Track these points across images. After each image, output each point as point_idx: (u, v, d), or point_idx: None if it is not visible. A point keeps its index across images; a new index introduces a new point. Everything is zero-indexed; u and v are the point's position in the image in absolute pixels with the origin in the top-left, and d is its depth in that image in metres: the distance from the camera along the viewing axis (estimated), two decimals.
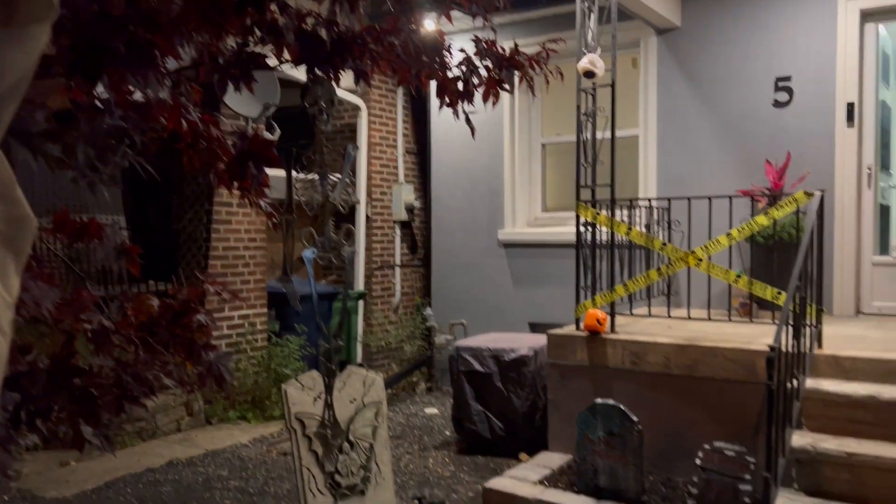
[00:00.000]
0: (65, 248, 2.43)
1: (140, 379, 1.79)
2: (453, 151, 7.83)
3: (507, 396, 5.36)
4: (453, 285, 7.86)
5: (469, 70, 2.61)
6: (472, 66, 2.66)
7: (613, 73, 4.99)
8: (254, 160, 2.11)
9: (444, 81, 2.70)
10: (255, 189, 2.25)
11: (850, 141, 5.71)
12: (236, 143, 2.22)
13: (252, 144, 2.10)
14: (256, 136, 2.08)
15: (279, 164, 2.21)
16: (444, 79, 2.70)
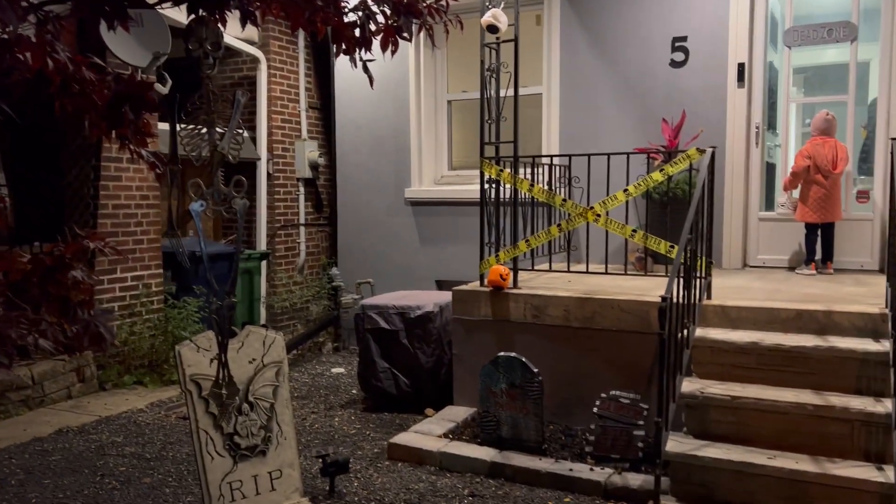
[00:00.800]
0: None
1: (2, 338, 1.65)
2: (358, 107, 7.67)
3: (413, 353, 5.38)
4: (360, 244, 7.78)
5: (365, 15, 2.51)
6: (369, 11, 2.57)
7: (516, 28, 4.97)
8: (131, 104, 1.96)
9: (339, 27, 2.59)
10: (134, 137, 2.10)
11: (741, 101, 5.95)
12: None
13: (128, 87, 1.95)
14: (133, 78, 1.93)
15: (158, 108, 2.07)
16: (340, 24, 2.59)
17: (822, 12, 6.20)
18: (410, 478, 4.17)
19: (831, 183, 5.43)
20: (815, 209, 5.47)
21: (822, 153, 5.42)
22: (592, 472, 4.00)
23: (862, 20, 5.66)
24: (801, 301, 4.38)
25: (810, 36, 5.70)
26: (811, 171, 5.44)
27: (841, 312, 4.10)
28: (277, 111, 7.69)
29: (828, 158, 5.41)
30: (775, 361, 4.01)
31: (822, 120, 5.51)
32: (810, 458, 3.60)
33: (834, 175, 5.40)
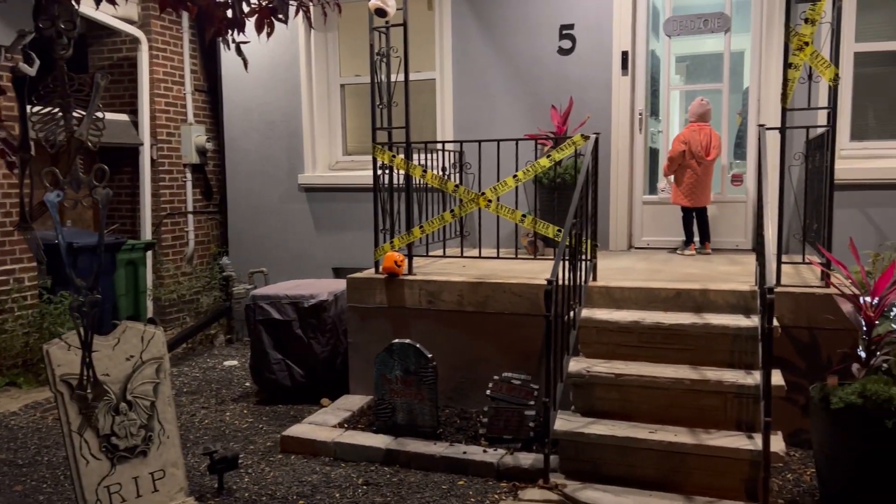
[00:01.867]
0: None
1: None
2: (248, 90, 7.42)
3: (307, 343, 5.28)
4: (253, 232, 7.55)
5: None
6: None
7: (405, 12, 4.92)
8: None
9: (210, 7, 2.48)
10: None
11: (625, 88, 6.14)
12: None
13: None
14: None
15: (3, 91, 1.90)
16: (211, 3, 2.47)
17: (698, 3, 6.49)
18: (304, 470, 4.11)
19: (703, 169, 5.70)
20: (688, 194, 5.73)
21: (697, 139, 5.68)
22: (486, 454, 4.06)
23: (735, 11, 5.96)
24: (679, 281, 4.58)
25: (688, 26, 5.94)
26: (686, 156, 5.69)
27: (716, 291, 4.33)
28: (161, 94, 7.33)
29: (702, 145, 5.67)
30: (656, 339, 4.19)
31: (698, 106, 5.77)
32: (688, 430, 3.78)
33: (707, 161, 5.67)
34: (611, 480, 3.74)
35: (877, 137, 5.76)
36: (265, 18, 2.58)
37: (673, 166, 5.77)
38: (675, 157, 5.72)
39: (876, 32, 5.68)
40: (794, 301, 4.15)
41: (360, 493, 3.81)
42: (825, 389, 3.46)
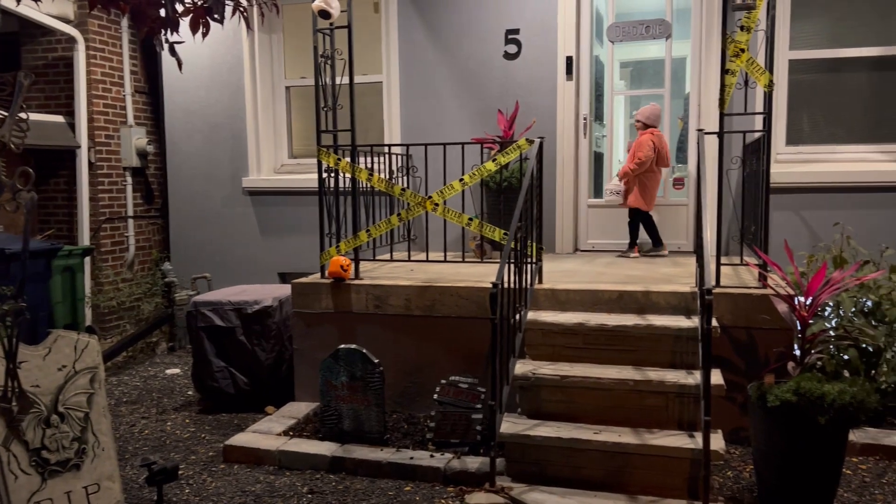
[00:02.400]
0: None
1: None
2: (190, 92, 7.25)
3: (251, 350, 5.18)
4: (195, 237, 7.38)
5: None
6: None
7: (350, 14, 4.88)
8: None
9: (141, 6, 2.40)
10: None
11: (569, 93, 6.21)
12: None
13: None
14: None
15: None
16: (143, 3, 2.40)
17: (640, 10, 6.60)
18: (247, 479, 4.02)
19: (660, 174, 5.84)
20: (649, 198, 5.82)
21: (663, 145, 5.81)
22: (433, 459, 4.04)
23: (676, 19, 6.09)
24: (623, 283, 4.65)
25: (630, 32, 6.05)
26: (653, 161, 5.77)
27: (658, 292, 4.40)
28: (99, 95, 7.11)
29: (666, 150, 5.80)
30: (600, 340, 4.23)
31: (658, 110, 5.86)
32: (632, 430, 3.83)
33: (666, 166, 5.82)
34: (557, 482, 3.77)
35: (811, 142, 5.95)
36: (200, 18, 2.52)
37: (641, 170, 5.80)
38: (647, 161, 5.75)
39: (809, 41, 5.88)
40: (733, 302, 4.25)
41: (304, 501, 3.74)
42: (762, 388, 3.54)
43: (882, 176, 5.60)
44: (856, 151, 5.82)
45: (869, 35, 5.75)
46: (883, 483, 3.80)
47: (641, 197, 5.82)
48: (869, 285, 4.44)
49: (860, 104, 5.86)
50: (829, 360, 4.24)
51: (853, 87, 5.86)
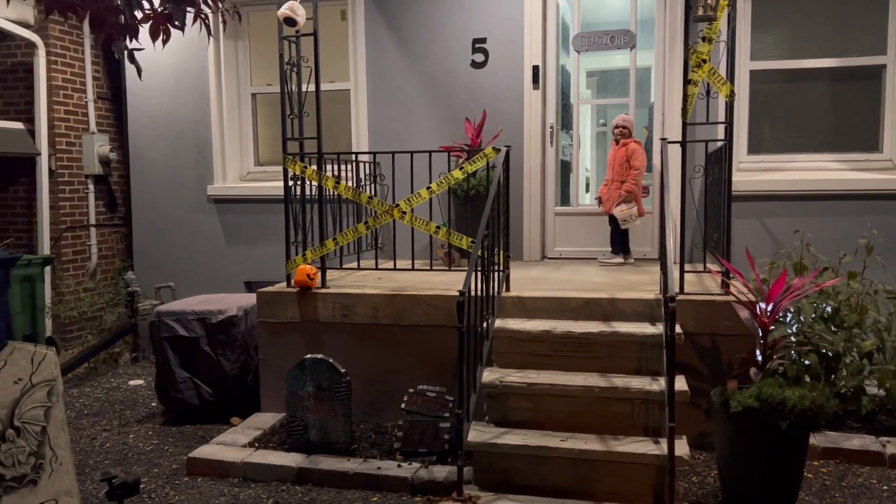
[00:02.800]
0: None
1: None
2: (154, 98, 7.15)
3: (215, 360, 5.10)
4: (159, 246, 7.27)
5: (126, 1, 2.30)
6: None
7: (315, 22, 4.86)
8: None
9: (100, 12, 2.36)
10: None
11: (536, 101, 6.26)
12: None
13: None
14: None
15: None
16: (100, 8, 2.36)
17: (605, 20, 6.68)
18: (211, 493, 3.95)
19: None
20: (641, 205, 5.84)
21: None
22: (400, 469, 4.02)
23: (640, 29, 6.17)
24: (589, 290, 4.68)
25: (595, 42, 6.12)
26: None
27: (623, 300, 4.43)
28: (60, 102, 6.98)
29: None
30: (567, 348, 4.25)
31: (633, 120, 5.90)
32: (598, 437, 3.85)
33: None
34: (524, 490, 3.77)
35: (772, 151, 6.07)
36: (160, 25, 2.48)
37: (642, 179, 5.77)
38: (643, 169, 5.76)
39: (770, 52, 6.00)
40: (696, 308, 4.31)
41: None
42: (725, 394, 3.59)
43: (840, 184, 5.73)
44: (815, 160, 5.95)
45: (827, 46, 5.89)
46: (843, 486, 3.87)
47: (638, 204, 5.79)
48: (828, 291, 4.53)
49: (819, 114, 6.00)
50: (790, 365, 4.31)
51: (812, 97, 6.00)
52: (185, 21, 2.50)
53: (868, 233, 4.91)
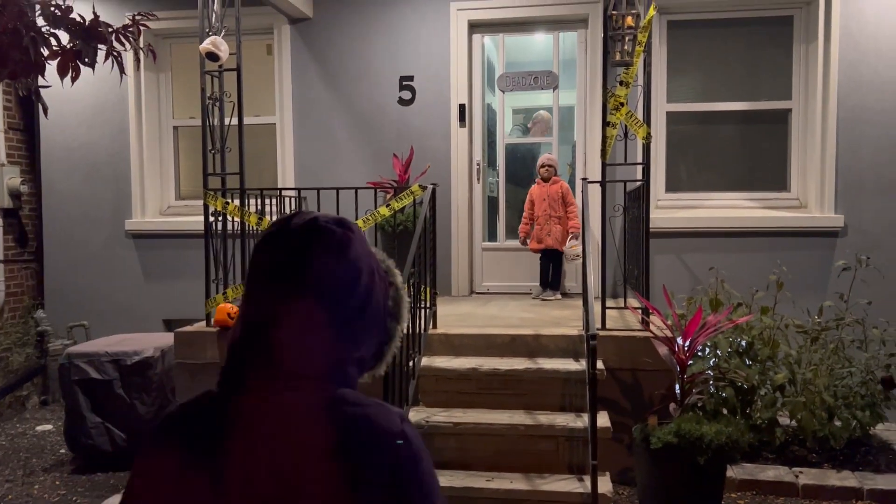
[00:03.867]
0: None
1: None
2: (69, 130, 6.90)
3: (130, 403, 4.88)
4: (73, 282, 6.95)
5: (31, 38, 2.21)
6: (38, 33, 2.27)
7: (239, 57, 4.80)
8: None
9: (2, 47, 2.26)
10: None
11: (463, 139, 6.33)
12: None
13: None
14: None
15: None
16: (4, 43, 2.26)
17: (530, 60, 6.85)
18: None
19: None
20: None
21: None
22: None
23: (563, 70, 6.35)
24: (515, 326, 4.71)
25: (520, 82, 6.26)
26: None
27: (548, 336, 4.48)
28: None
29: None
30: (493, 385, 4.26)
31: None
32: (524, 476, 3.84)
33: None
34: None
35: (689, 189, 6.30)
36: (69, 62, 2.39)
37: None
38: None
39: (685, 94, 6.27)
40: (618, 344, 4.39)
41: None
42: (646, 430, 3.65)
43: (753, 222, 5.99)
44: (729, 198, 6.21)
45: (738, 90, 6.20)
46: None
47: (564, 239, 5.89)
48: (742, 326, 4.70)
49: (732, 154, 6.28)
50: (708, 399, 4.43)
51: (726, 138, 6.28)
52: (96, 58, 2.42)
53: (778, 269, 5.13)
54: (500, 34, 6.39)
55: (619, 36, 4.35)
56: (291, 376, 1.05)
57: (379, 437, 1.04)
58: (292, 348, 1.05)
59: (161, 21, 6.18)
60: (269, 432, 1.01)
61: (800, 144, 6.10)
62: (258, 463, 1.00)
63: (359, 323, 1.10)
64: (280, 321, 1.05)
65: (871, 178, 5.86)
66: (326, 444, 1.00)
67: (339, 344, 1.08)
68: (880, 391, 4.45)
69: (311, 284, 1.06)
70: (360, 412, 1.05)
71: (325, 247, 1.08)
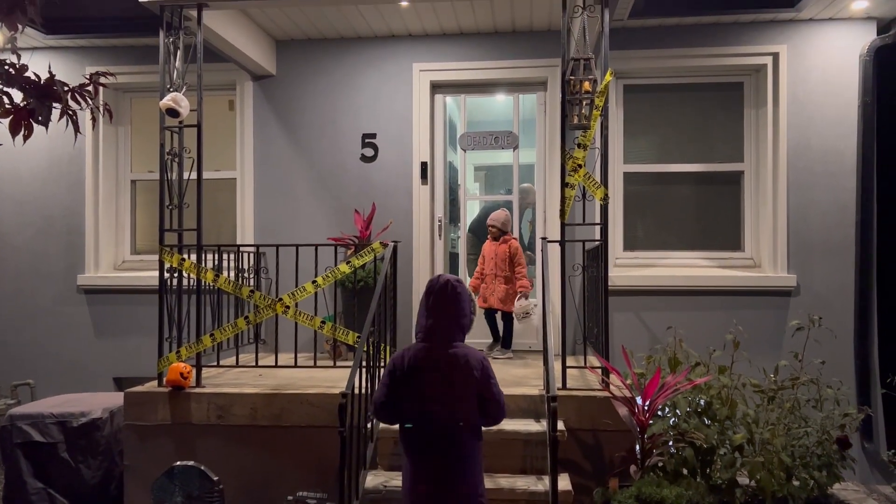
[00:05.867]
0: None
1: None
2: (23, 183, 6.75)
3: (75, 468, 4.67)
4: (19, 339, 6.71)
5: None
6: None
7: (200, 114, 4.80)
8: None
9: None
10: None
11: (425, 196, 6.37)
12: None
13: None
14: None
15: None
16: None
17: (491, 119, 6.98)
18: None
19: None
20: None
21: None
22: None
23: (523, 130, 6.47)
24: None
25: (481, 142, 6.36)
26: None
27: (508, 395, 4.39)
28: None
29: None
30: None
31: (510, 217, 6.03)
32: None
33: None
34: None
35: (646, 248, 6.40)
36: (22, 121, 2.35)
37: None
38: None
39: (641, 156, 6.43)
40: (579, 404, 4.37)
41: None
42: (606, 493, 3.61)
43: (708, 280, 6.09)
44: (686, 257, 6.33)
45: (692, 153, 6.38)
46: None
47: (513, 300, 5.85)
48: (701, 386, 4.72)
49: (688, 214, 6.42)
50: (668, 459, 4.40)
51: (682, 198, 6.43)
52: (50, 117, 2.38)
53: (734, 328, 5.20)
54: (461, 94, 6.51)
55: (576, 100, 4.46)
56: (449, 340, 3.27)
57: (476, 356, 3.26)
58: (449, 330, 3.28)
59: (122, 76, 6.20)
60: (445, 360, 3.21)
61: (752, 205, 6.28)
62: (442, 369, 3.20)
63: (466, 319, 3.35)
64: (443, 320, 3.28)
65: (821, 239, 6.03)
66: (463, 360, 3.20)
67: (461, 327, 3.33)
68: (836, 451, 4.49)
69: (454, 304, 3.30)
70: (470, 350, 3.28)
71: (456, 288, 3.32)
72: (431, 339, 3.23)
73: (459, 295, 3.29)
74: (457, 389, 3.16)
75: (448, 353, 3.20)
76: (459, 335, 3.28)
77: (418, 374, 3.19)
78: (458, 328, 3.28)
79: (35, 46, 6.48)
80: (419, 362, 3.20)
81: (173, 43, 4.77)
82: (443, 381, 3.16)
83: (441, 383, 3.16)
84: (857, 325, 5.94)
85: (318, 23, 6.11)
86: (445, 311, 3.26)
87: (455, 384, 3.16)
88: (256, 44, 6.10)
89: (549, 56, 6.21)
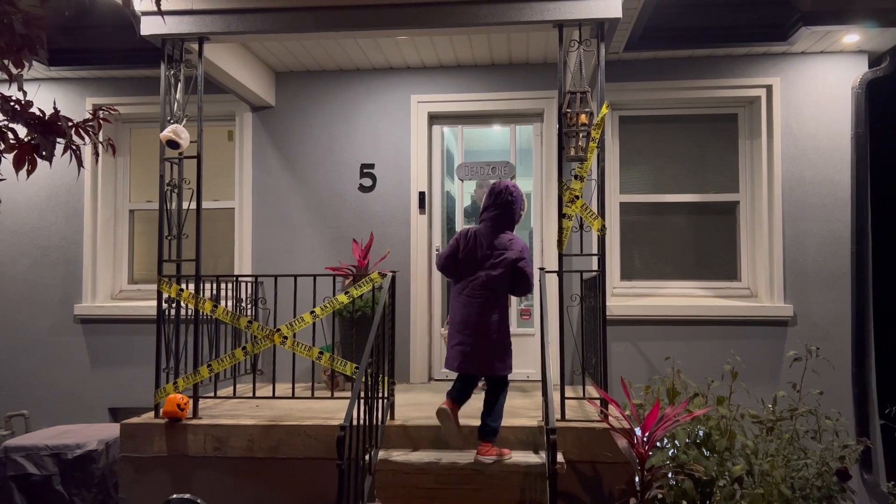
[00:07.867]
0: None
1: None
2: (21, 213, 6.76)
3: (69, 501, 4.62)
4: (15, 369, 6.67)
5: None
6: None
7: (200, 145, 4.83)
8: None
9: None
10: None
11: (422, 225, 6.40)
12: None
13: None
14: None
15: None
16: None
17: (488, 149, 7.04)
18: None
19: None
20: None
21: None
22: None
23: (520, 160, 6.53)
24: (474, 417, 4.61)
25: (478, 172, 6.41)
26: None
27: (507, 427, 4.42)
28: None
29: None
30: (452, 479, 4.15)
31: None
32: None
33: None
34: None
35: (644, 277, 6.43)
36: (26, 156, 2.37)
37: None
38: None
39: (637, 186, 6.48)
40: (578, 436, 4.35)
41: None
42: None
43: (706, 310, 6.11)
44: (683, 287, 6.35)
45: (688, 183, 6.43)
46: None
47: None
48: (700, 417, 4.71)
49: (685, 244, 6.45)
50: (668, 491, 4.38)
51: (678, 228, 6.47)
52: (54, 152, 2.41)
53: (732, 358, 5.20)
54: (459, 125, 6.58)
55: (573, 132, 4.51)
56: (501, 227, 4.37)
57: (519, 241, 4.36)
58: (502, 218, 4.37)
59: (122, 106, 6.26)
60: (496, 238, 4.35)
61: (748, 235, 6.32)
62: (493, 245, 4.35)
63: (515, 215, 4.43)
64: (499, 212, 4.38)
65: (817, 269, 6.06)
66: (507, 241, 4.33)
67: (511, 222, 4.42)
68: (836, 483, 4.47)
69: (509, 203, 4.40)
70: (515, 237, 4.40)
71: (512, 192, 4.43)
72: (490, 223, 4.33)
73: (514, 197, 4.34)
74: (499, 260, 4.28)
75: (499, 234, 4.32)
76: (510, 226, 4.36)
77: (477, 240, 4.34)
78: (509, 221, 4.36)
79: (37, 78, 6.54)
80: (479, 235, 4.34)
81: (174, 75, 4.81)
82: (492, 254, 4.29)
83: (490, 256, 4.30)
84: (855, 354, 5.95)
85: (318, 55, 6.18)
86: (502, 206, 4.33)
87: (499, 257, 4.28)
88: (256, 76, 6.17)
89: (545, 88, 6.29)
